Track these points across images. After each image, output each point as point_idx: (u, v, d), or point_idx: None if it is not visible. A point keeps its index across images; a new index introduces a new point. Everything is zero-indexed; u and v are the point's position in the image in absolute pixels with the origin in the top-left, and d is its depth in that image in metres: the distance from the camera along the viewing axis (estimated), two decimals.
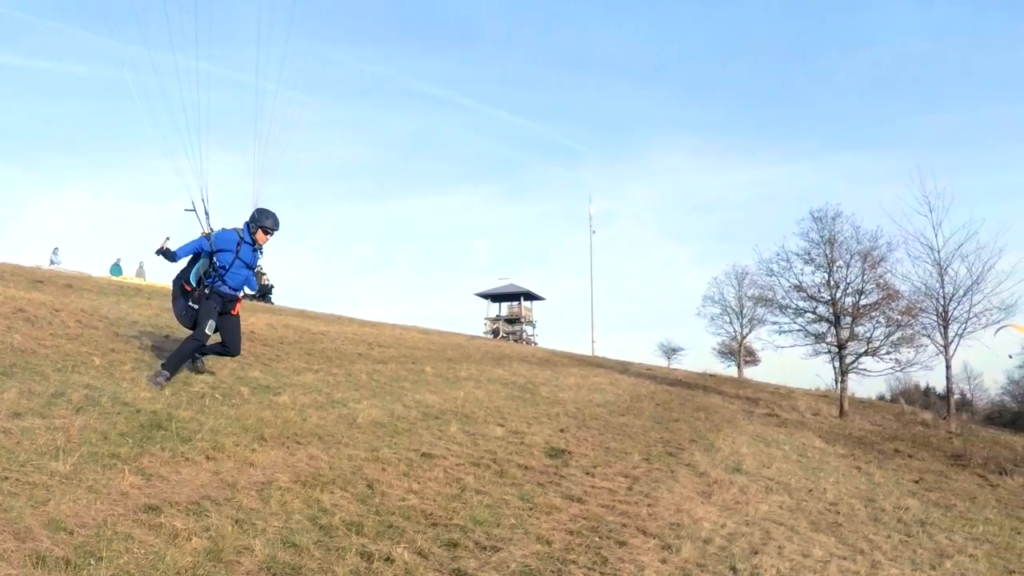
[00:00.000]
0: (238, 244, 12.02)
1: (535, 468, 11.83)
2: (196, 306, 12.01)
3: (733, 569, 8.66)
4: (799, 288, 36.39)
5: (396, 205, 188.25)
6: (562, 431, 15.81)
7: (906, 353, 35.77)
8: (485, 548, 7.41)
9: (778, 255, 37.40)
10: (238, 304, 12.47)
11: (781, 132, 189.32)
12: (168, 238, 11.79)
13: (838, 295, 35.30)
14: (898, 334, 35.20)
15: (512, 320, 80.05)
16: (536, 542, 7.97)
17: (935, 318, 35.72)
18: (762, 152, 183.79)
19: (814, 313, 36.25)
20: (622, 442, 16.03)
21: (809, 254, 36.36)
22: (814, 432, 25.76)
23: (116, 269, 43.26)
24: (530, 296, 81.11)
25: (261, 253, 12.44)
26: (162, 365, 11.66)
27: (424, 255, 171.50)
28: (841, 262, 35.47)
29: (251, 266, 12.28)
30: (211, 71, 12.45)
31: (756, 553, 9.53)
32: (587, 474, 12.24)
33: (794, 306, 36.79)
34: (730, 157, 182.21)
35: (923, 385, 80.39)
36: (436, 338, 33.82)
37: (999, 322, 36.18)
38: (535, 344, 68.88)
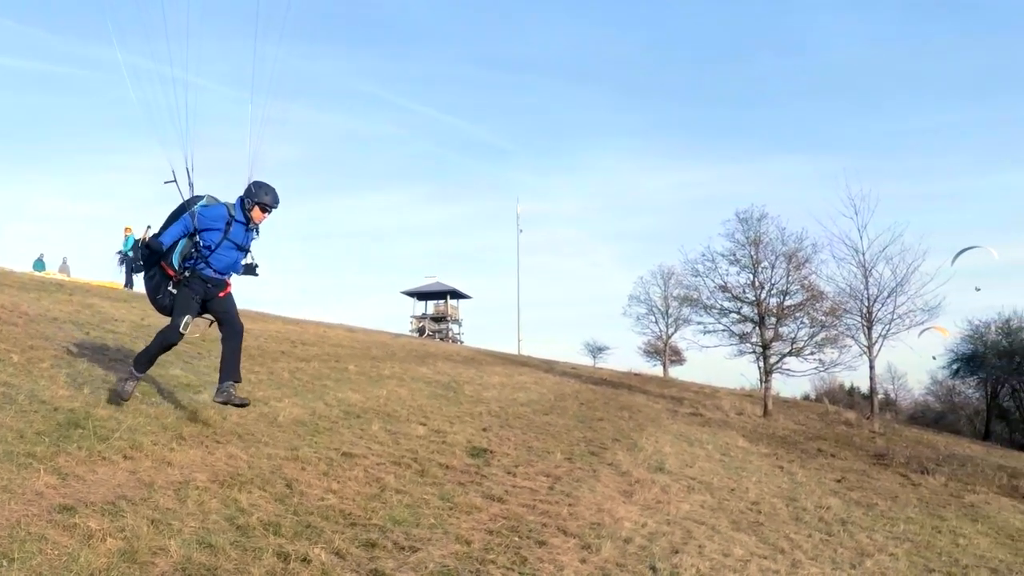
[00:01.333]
0: (227, 222, 10.31)
1: (456, 467, 11.92)
2: (173, 291, 10.32)
3: (653, 568, 8.83)
4: (724, 288, 36.93)
5: (325, 203, 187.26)
6: (485, 430, 15.92)
7: (830, 353, 36.53)
8: (404, 548, 7.48)
9: (704, 256, 37.98)
10: (228, 287, 10.67)
11: (712, 135, 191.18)
12: (149, 227, 10.22)
13: (763, 296, 35.91)
14: (822, 335, 35.91)
15: (438, 318, 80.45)
16: (455, 542, 8.06)
17: (859, 319, 36.57)
18: (693, 154, 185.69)
19: (739, 313, 36.82)
20: (545, 441, 16.18)
21: (734, 255, 36.93)
22: (738, 431, 26.13)
23: (39, 264, 42.48)
24: (457, 295, 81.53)
25: (257, 233, 10.80)
26: (133, 367, 10.36)
27: (352, 253, 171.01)
28: (766, 263, 36.08)
29: (243, 247, 10.61)
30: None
31: (676, 552, 9.73)
32: (508, 473, 12.36)
33: (719, 306, 37.33)
34: (661, 159, 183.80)
35: (848, 385, 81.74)
36: (361, 336, 33.75)
37: (923, 323, 37.19)
38: (461, 343, 69.21)
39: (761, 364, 36.52)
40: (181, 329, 10.02)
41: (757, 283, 36.06)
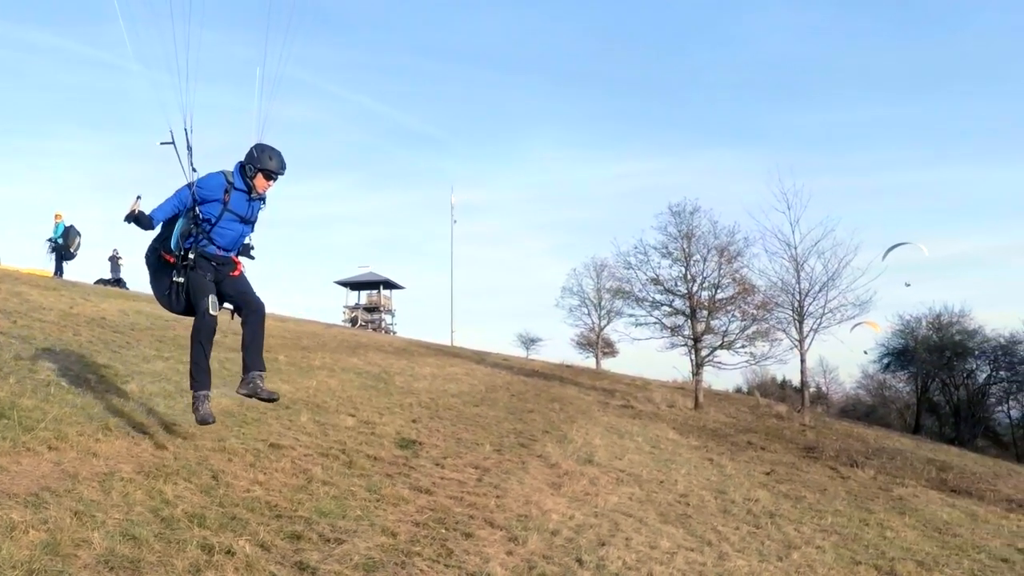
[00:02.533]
0: (226, 191, 9.34)
1: (384, 459, 12.00)
2: (180, 280, 9.27)
3: (579, 561, 8.98)
4: (656, 281, 37.39)
5: None
6: (414, 421, 16.00)
7: (761, 347, 37.11)
8: (329, 540, 7.56)
9: (636, 248, 38.43)
10: (238, 266, 9.77)
11: (647, 126, 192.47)
12: (140, 197, 8.93)
13: (694, 289, 36.42)
14: (753, 328, 36.46)
15: (371, 309, 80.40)
16: (381, 534, 8.14)
17: (791, 313, 37.06)
18: (628, 146, 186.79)
19: (670, 306, 37.31)
20: (474, 433, 16.30)
21: (667, 248, 37.36)
22: (668, 424, 26.47)
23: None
24: (390, 285, 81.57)
25: (263, 203, 9.82)
26: (192, 388, 9.42)
27: (285, 242, 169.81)
28: (698, 256, 36.59)
29: (247, 219, 9.63)
30: None
31: (603, 545, 9.88)
32: (437, 465, 12.45)
33: (651, 299, 37.81)
34: (596, 150, 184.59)
35: (780, 378, 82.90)
36: (292, 326, 33.61)
37: (854, 318, 37.82)
38: (394, 333, 69.21)
39: (693, 357, 36.95)
40: (210, 311, 9.11)
41: (689, 276, 36.57)
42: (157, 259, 9.50)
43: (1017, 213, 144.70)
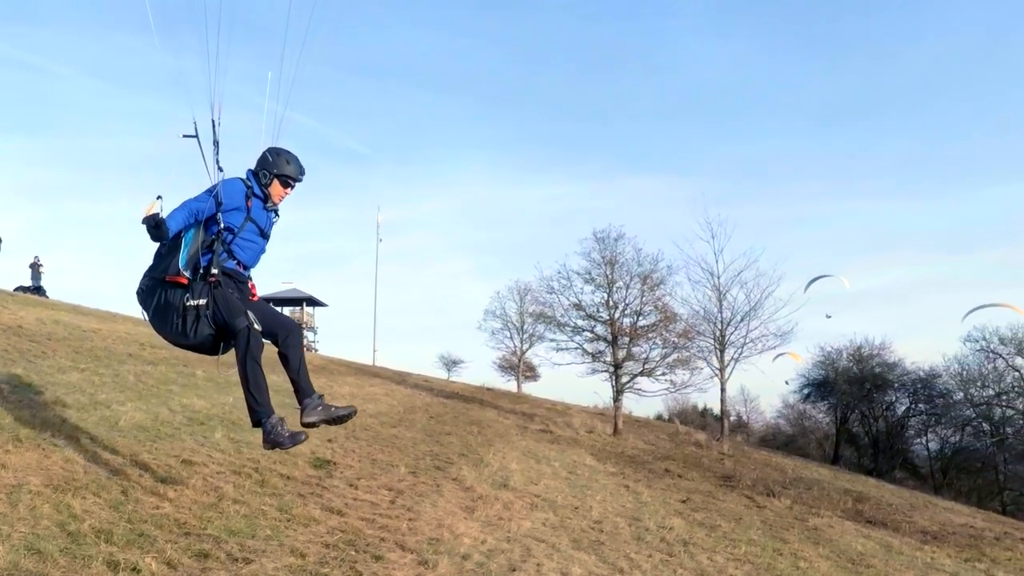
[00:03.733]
0: (247, 197, 8.20)
1: (298, 478, 12.03)
2: (200, 302, 7.82)
3: None
4: (578, 307, 37.83)
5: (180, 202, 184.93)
6: (330, 441, 16.00)
7: (681, 375, 37.73)
8: (237, 560, 7.59)
9: (559, 273, 38.93)
10: (254, 290, 8.59)
11: (575, 150, 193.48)
12: (160, 197, 7.70)
13: (616, 315, 36.90)
14: (674, 356, 36.98)
15: None
16: (290, 555, 8.19)
17: (712, 342, 37.65)
18: (555, 169, 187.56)
19: (592, 332, 37.73)
20: (390, 454, 16.36)
21: (590, 273, 37.89)
22: (586, 450, 26.68)
23: None
24: (313, 302, 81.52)
25: (276, 216, 8.70)
26: (261, 417, 8.09)
27: None
28: (621, 283, 37.15)
29: (265, 232, 8.51)
30: None
31: (514, 570, 10.00)
32: (351, 486, 12.51)
33: (572, 324, 38.24)
34: (523, 172, 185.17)
35: (701, 406, 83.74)
36: None
37: (775, 348, 38.56)
38: (315, 351, 68.93)
39: (613, 383, 37.39)
40: (255, 326, 7.99)
41: (611, 303, 37.07)
42: (162, 286, 7.91)
43: (938, 247, 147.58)
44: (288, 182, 8.48)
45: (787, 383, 62.51)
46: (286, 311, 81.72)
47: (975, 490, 57.60)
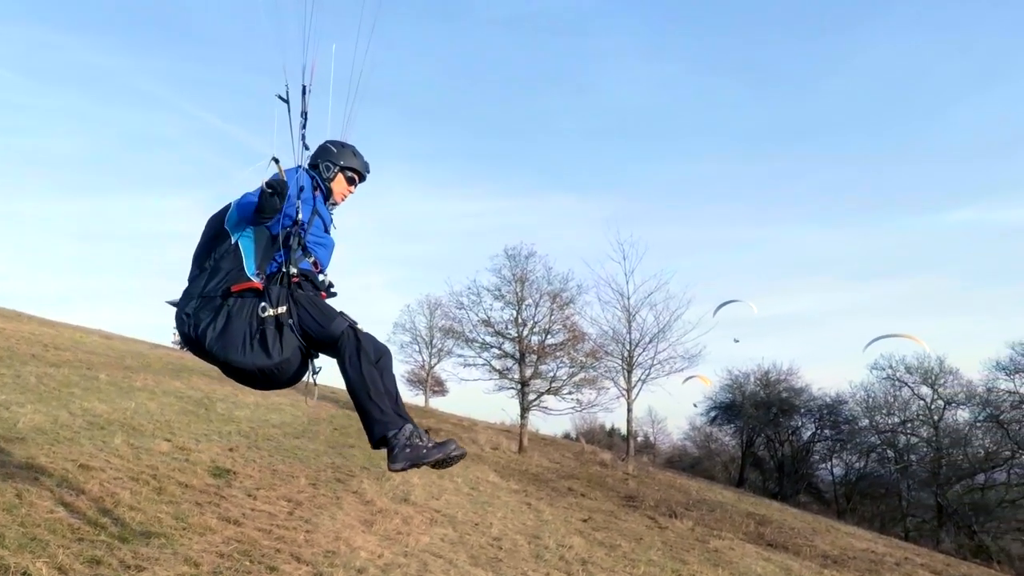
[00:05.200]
0: (314, 188, 6.97)
1: (196, 487, 12.04)
2: (281, 309, 6.25)
3: None
4: (487, 323, 38.11)
5: (103, 203, 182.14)
6: (231, 450, 15.99)
7: (588, 394, 38.15)
8: (129, 567, 7.63)
9: (469, 289, 39.18)
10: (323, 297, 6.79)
11: (495, 167, 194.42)
12: (277, 159, 6.32)
13: (525, 333, 37.24)
14: (581, 375, 37.39)
15: None
16: (183, 563, 8.24)
17: (620, 362, 38.06)
18: (474, 185, 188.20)
19: (500, 349, 38.05)
20: (291, 465, 16.37)
21: (500, 290, 38.21)
22: (490, 466, 26.83)
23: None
24: None
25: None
26: (394, 429, 6.20)
27: (127, 257, 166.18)
28: (530, 301, 37.50)
29: (330, 231, 7.19)
30: None
31: None
32: (249, 496, 12.53)
33: (481, 340, 38.44)
34: (442, 187, 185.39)
35: (608, 426, 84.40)
36: (118, 344, 33.06)
37: (682, 370, 39.15)
38: None
39: (520, 400, 37.65)
40: (358, 326, 6.44)
41: (520, 320, 37.41)
42: (218, 300, 6.31)
43: (850, 275, 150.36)
44: (354, 178, 7.29)
45: (695, 405, 63.49)
46: None
47: (878, 516, 58.68)
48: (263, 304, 6.21)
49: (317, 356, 6.73)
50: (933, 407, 57.47)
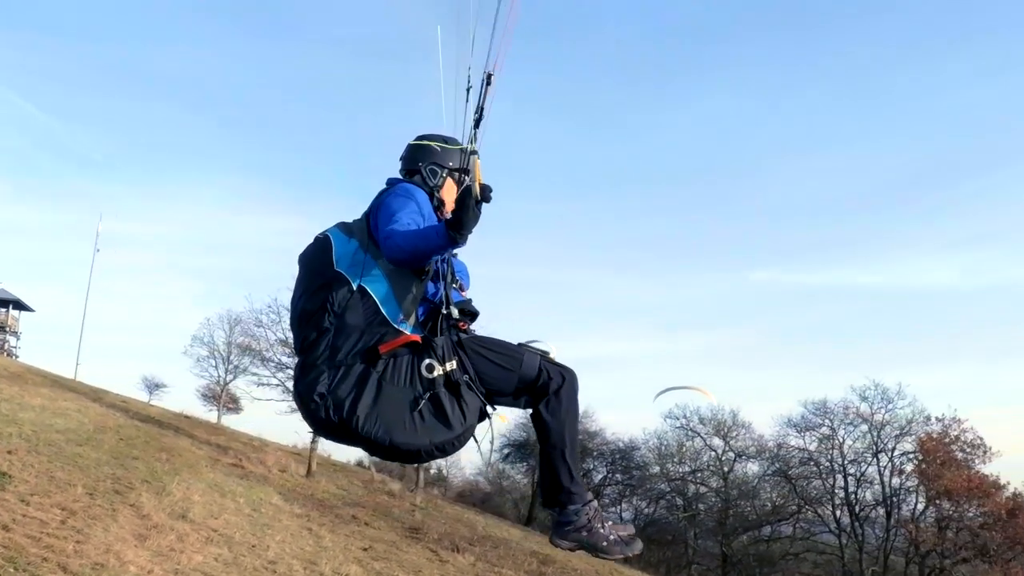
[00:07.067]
0: (436, 208, 5.56)
1: None
2: (451, 365, 4.88)
3: None
4: (284, 343, 37.81)
5: None
6: (9, 453, 15.82)
7: None
8: None
9: (270, 307, 38.90)
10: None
11: (311, 184, 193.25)
12: (475, 151, 5.38)
13: None
14: None
15: None
16: None
17: None
18: (289, 202, 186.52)
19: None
20: (70, 473, 16.26)
21: None
22: (275, 488, 26.88)
23: None
24: (20, 305, 77.96)
25: None
26: (566, 505, 5.05)
27: None
28: None
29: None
30: None
31: None
32: (22, 501, 12.50)
33: (277, 360, 38.48)
34: (258, 202, 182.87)
35: None
36: None
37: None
38: (15, 357, 66.30)
39: None
40: (551, 354, 5.21)
41: None
42: (360, 370, 4.84)
43: (657, 326, 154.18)
44: (463, 180, 5.62)
45: (491, 442, 64.17)
46: None
47: (664, 562, 60.52)
48: (428, 362, 4.86)
49: (495, 408, 5.21)
50: (724, 458, 60.01)
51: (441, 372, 4.77)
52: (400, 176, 5.61)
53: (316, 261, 5.05)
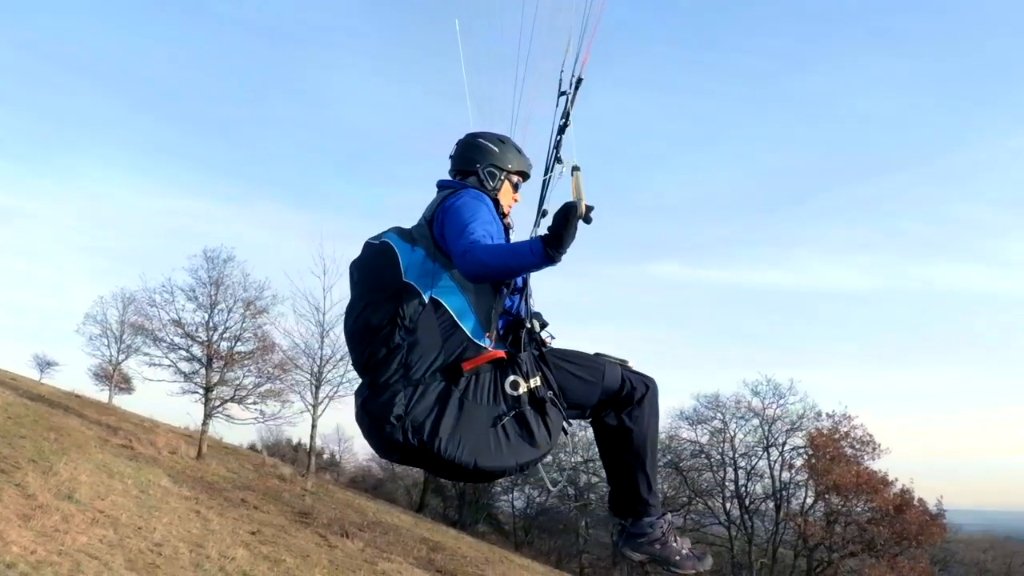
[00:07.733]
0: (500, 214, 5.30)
1: None
2: (535, 381, 4.64)
3: None
4: (178, 324, 37.76)
5: None
6: None
7: (273, 406, 38.31)
8: None
9: (163, 287, 38.55)
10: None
11: (211, 168, 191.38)
12: (577, 168, 4.64)
13: (215, 337, 37.13)
14: (267, 386, 37.59)
15: None
16: None
17: (309, 376, 38.26)
18: (187, 184, 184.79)
19: (188, 351, 37.71)
20: None
21: (194, 291, 37.84)
22: (165, 470, 26.74)
23: None
24: None
25: None
26: (642, 516, 5.07)
27: None
28: (224, 305, 37.35)
29: None
30: None
31: None
32: None
33: (169, 340, 38.08)
34: (157, 183, 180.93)
35: (295, 440, 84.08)
36: None
37: None
38: None
39: (203, 406, 37.38)
40: (629, 363, 5.15)
41: (212, 324, 37.25)
42: (440, 390, 4.53)
43: (564, 318, 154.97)
44: (519, 183, 5.43)
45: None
46: None
47: (555, 550, 61.07)
48: (512, 379, 4.62)
49: (571, 424, 5.08)
50: None
51: (526, 389, 4.59)
52: (449, 177, 5.32)
53: (380, 270, 4.71)
